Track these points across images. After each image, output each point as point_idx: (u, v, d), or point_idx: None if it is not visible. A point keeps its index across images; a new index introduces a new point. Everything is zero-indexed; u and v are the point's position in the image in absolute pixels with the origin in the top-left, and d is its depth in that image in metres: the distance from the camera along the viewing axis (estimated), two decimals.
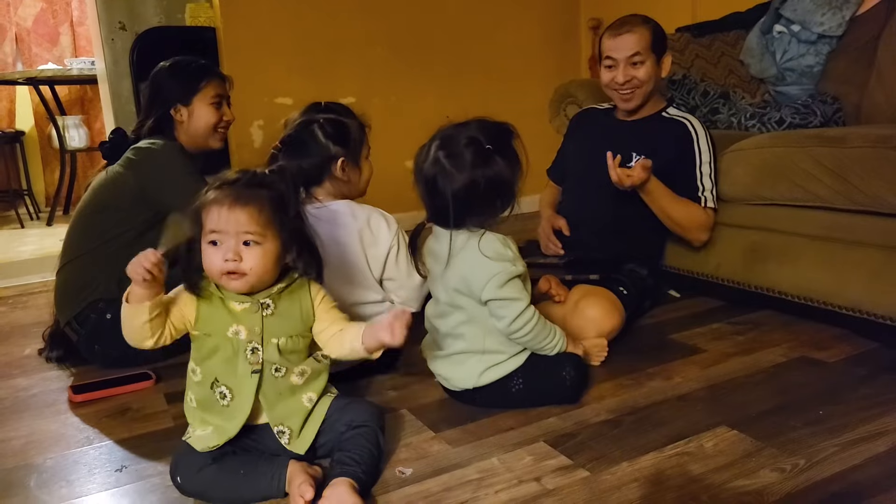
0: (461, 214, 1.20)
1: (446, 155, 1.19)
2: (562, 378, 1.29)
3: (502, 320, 1.23)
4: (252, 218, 1.00)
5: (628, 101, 1.79)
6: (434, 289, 1.32)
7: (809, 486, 1.00)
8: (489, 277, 1.20)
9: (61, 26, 4.38)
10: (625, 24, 1.75)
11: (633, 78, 1.74)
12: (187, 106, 1.68)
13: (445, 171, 1.19)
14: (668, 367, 1.47)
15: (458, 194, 1.18)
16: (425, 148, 1.24)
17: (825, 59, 2.14)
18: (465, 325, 1.27)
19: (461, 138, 1.20)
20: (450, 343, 1.29)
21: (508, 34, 3.34)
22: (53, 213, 3.86)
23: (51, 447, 1.25)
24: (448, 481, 1.06)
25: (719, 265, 1.86)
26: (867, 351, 1.51)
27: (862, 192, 1.48)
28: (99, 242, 1.60)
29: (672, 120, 1.80)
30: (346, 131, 1.44)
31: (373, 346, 1.06)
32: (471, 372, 1.27)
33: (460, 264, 1.23)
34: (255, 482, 1.01)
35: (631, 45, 1.72)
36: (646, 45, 1.72)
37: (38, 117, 4.34)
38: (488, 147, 1.19)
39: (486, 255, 1.20)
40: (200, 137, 1.71)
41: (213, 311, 1.05)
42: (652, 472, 1.06)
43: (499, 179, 1.19)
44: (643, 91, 1.76)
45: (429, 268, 1.31)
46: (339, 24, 2.95)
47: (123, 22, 3.04)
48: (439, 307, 1.30)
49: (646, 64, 1.72)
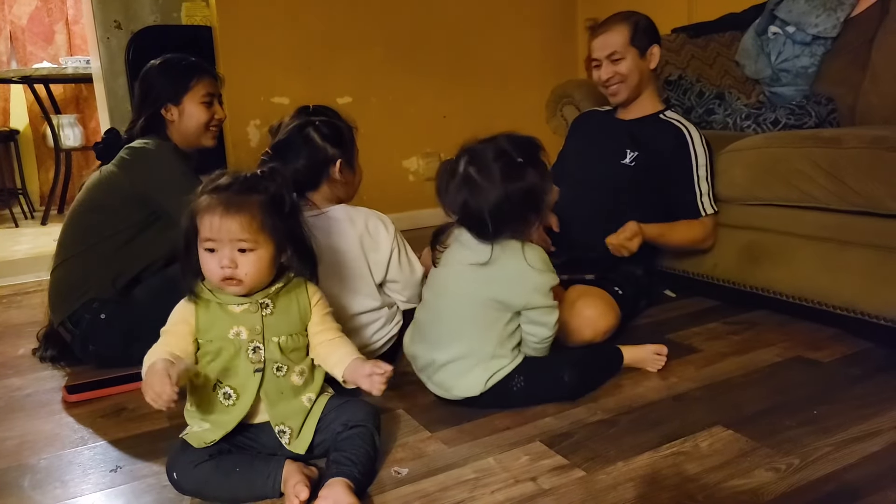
0: (499, 227, 1.21)
1: (477, 171, 1.20)
2: (560, 376, 1.31)
3: (543, 327, 1.27)
4: (244, 226, 1.01)
5: (616, 96, 1.84)
6: (447, 281, 1.29)
7: (804, 486, 1.01)
8: (536, 286, 1.23)
9: (56, 24, 4.36)
10: (603, 24, 1.82)
11: (616, 73, 1.80)
12: (178, 105, 1.67)
13: (479, 187, 1.20)
14: (665, 366, 1.47)
15: (493, 210, 1.19)
16: (452, 165, 1.24)
17: (820, 61, 2.15)
18: (484, 331, 1.26)
19: (490, 152, 1.21)
20: (450, 352, 1.27)
21: (506, 34, 3.34)
22: (48, 212, 3.84)
23: (45, 447, 1.24)
24: (444, 481, 1.06)
25: (715, 265, 1.87)
26: (861, 351, 1.52)
27: (857, 192, 1.49)
28: (93, 242, 1.59)
29: (669, 123, 1.82)
30: (341, 133, 1.43)
31: (350, 382, 1.09)
32: (477, 380, 1.26)
33: (497, 273, 1.23)
34: (251, 480, 1.01)
35: (608, 44, 1.78)
36: (623, 42, 1.77)
37: (33, 116, 4.32)
38: (520, 160, 1.20)
39: (533, 265, 1.23)
40: (192, 136, 1.70)
41: (212, 316, 1.05)
42: (647, 471, 1.06)
43: (532, 191, 1.21)
44: (629, 84, 1.80)
45: (448, 257, 1.29)
46: (337, 24, 2.95)
47: (119, 20, 3.03)
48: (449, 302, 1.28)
49: (626, 59, 1.78)
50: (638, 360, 1.47)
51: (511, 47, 3.36)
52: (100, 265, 1.57)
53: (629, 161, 1.79)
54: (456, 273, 1.28)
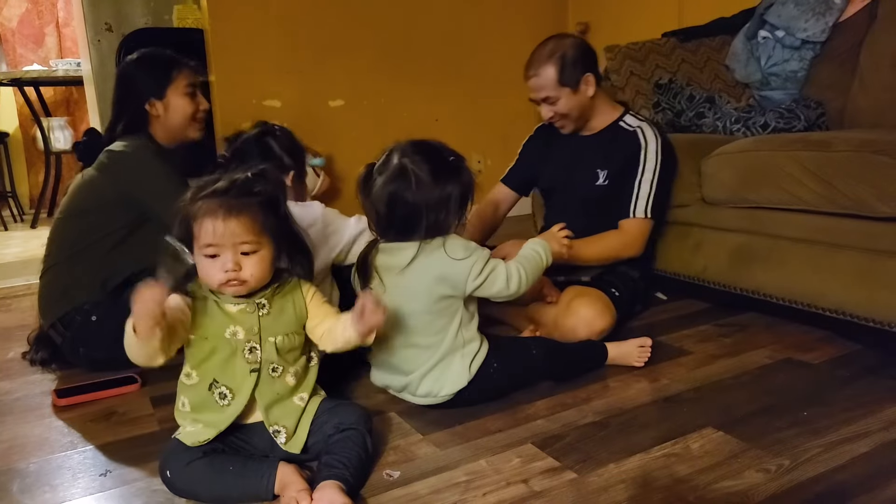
0: (429, 222, 1.21)
1: (412, 163, 1.21)
2: (529, 351, 1.37)
3: (497, 293, 1.26)
4: (247, 228, 1.02)
5: (564, 128, 1.81)
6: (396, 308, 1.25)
7: (794, 487, 1.01)
8: (468, 271, 1.23)
9: (47, 27, 4.34)
10: (529, 66, 1.74)
11: (554, 114, 1.75)
12: (162, 99, 1.64)
13: (416, 178, 1.20)
14: (655, 368, 1.48)
15: (430, 203, 1.20)
16: (379, 161, 1.25)
17: (809, 65, 2.17)
18: (448, 323, 1.26)
19: (423, 151, 1.23)
20: (428, 356, 1.27)
21: (497, 38, 3.35)
22: (38, 215, 3.82)
23: (34, 451, 1.23)
24: (436, 484, 1.06)
25: (706, 268, 1.88)
26: (850, 352, 1.53)
27: (845, 195, 1.50)
28: (82, 246, 1.58)
29: (627, 130, 1.77)
30: (297, 146, 1.48)
31: (362, 331, 1.07)
32: (461, 370, 1.27)
33: (428, 270, 1.23)
34: (245, 481, 1.01)
35: (539, 87, 1.72)
36: (552, 84, 1.69)
37: (23, 118, 4.30)
38: (452, 158, 1.23)
39: (455, 256, 1.22)
40: (178, 129, 1.68)
41: (207, 314, 1.05)
42: (639, 473, 1.07)
43: (466, 188, 1.24)
44: (572, 118, 1.76)
45: (386, 284, 1.27)
46: (328, 27, 2.95)
47: (110, 23, 3.02)
48: (411, 323, 1.26)
49: (561, 99, 1.72)
50: (622, 355, 1.48)
51: (502, 51, 3.37)
52: (89, 269, 1.56)
53: (602, 181, 1.76)
54: (399, 296, 1.25)
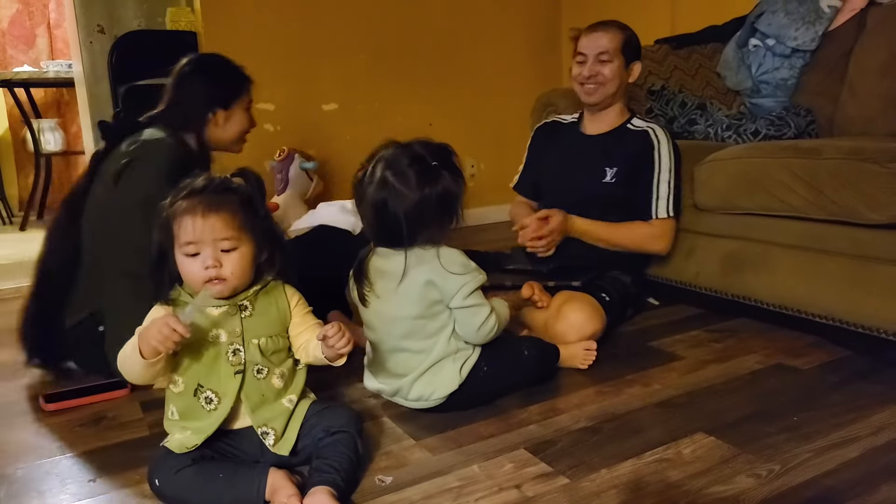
0: (414, 232, 1.20)
1: (394, 174, 1.19)
2: (522, 356, 1.37)
3: (470, 326, 1.26)
4: (226, 223, 1.01)
5: (590, 95, 1.83)
6: (388, 313, 1.27)
7: (784, 492, 1.02)
8: (458, 288, 1.22)
9: (38, 28, 4.31)
10: (600, 24, 1.83)
11: (599, 73, 1.79)
12: (227, 109, 1.62)
13: (395, 191, 1.19)
14: (647, 374, 1.48)
15: (410, 213, 1.19)
16: (367, 170, 1.24)
17: (799, 73, 2.19)
18: (440, 328, 1.26)
19: (405, 158, 1.21)
20: (420, 360, 1.27)
21: (491, 43, 3.37)
22: (27, 218, 3.78)
23: (22, 457, 1.22)
24: (428, 489, 1.06)
25: (697, 273, 1.89)
26: (840, 358, 1.54)
27: (835, 202, 1.52)
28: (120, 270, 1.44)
29: (636, 131, 1.82)
30: None
31: (331, 356, 1.06)
32: (452, 374, 1.27)
33: (420, 276, 1.23)
34: (235, 486, 1.00)
35: (601, 43, 1.79)
36: (616, 46, 1.78)
37: (13, 120, 4.26)
38: (434, 164, 1.21)
39: (451, 270, 1.22)
40: (230, 141, 1.67)
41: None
42: (631, 478, 1.07)
43: (447, 195, 1.21)
44: (606, 90, 1.80)
45: (378, 290, 1.27)
46: (322, 31, 2.95)
47: (102, 25, 3.00)
48: (403, 328, 1.26)
49: (613, 63, 1.78)
50: (569, 357, 1.49)
51: (496, 55, 3.38)
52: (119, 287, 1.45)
53: (610, 178, 1.79)
54: (392, 300, 1.25)
